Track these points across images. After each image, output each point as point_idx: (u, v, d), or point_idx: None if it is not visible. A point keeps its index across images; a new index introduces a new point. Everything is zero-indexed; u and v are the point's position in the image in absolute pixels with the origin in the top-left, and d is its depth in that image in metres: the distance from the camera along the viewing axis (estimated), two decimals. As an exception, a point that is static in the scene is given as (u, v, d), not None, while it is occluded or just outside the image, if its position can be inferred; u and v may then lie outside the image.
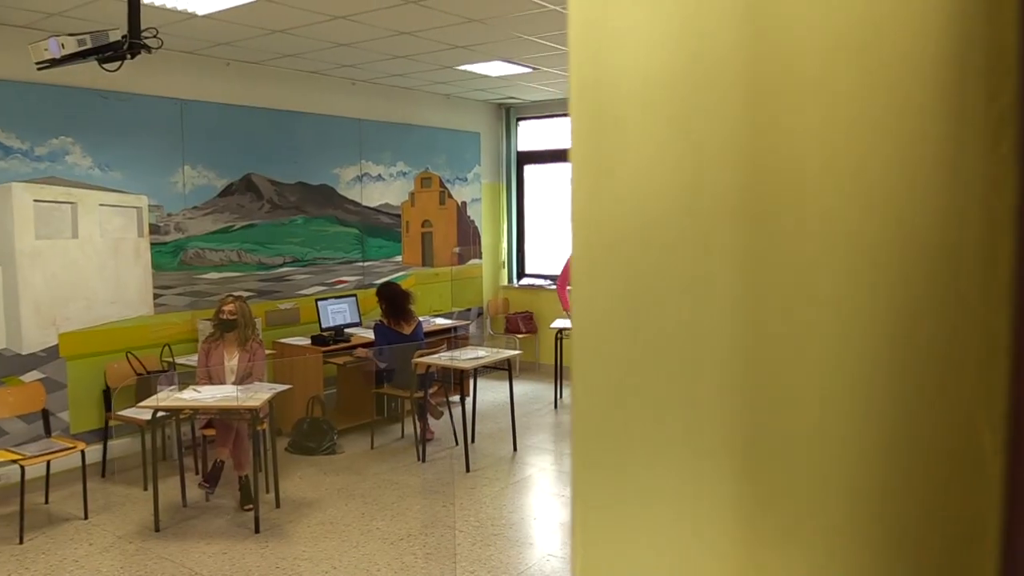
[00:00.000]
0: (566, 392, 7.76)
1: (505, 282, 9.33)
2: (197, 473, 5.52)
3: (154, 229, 5.89)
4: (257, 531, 4.63)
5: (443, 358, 6.02)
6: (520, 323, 8.90)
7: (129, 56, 3.36)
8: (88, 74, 4.83)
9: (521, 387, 7.62)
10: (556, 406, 7.56)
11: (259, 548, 4.42)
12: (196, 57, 6.08)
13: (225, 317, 5.18)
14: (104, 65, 3.44)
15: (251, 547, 4.44)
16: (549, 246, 9.30)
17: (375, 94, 7.55)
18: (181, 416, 5.15)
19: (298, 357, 6.36)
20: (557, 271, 9.03)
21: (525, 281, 9.27)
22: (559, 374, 7.71)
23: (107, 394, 5.58)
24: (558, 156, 8.95)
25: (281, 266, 6.81)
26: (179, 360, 5.81)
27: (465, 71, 6.98)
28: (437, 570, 4.14)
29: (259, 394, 4.82)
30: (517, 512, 5.05)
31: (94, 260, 5.54)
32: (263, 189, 6.63)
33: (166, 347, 5.86)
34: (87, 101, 5.45)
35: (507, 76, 7.27)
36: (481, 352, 6.25)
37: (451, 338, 7.28)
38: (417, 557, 4.30)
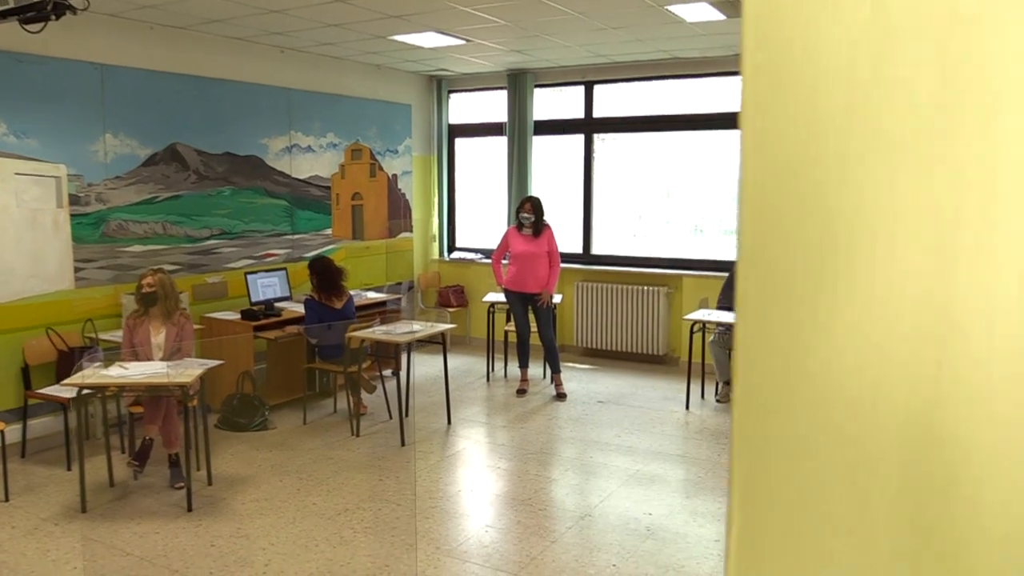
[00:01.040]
0: (498, 365, 7.81)
1: (436, 256, 9.30)
2: (123, 452, 5.38)
3: (74, 200, 5.65)
4: (190, 509, 4.55)
5: (378, 332, 5.98)
6: (451, 297, 8.89)
7: (53, 17, 3.21)
8: (1, 35, 4.58)
9: (452, 361, 7.62)
10: (488, 379, 7.60)
11: (193, 527, 4.35)
12: (118, 20, 5.82)
13: (145, 291, 5.02)
14: (26, 26, 3.27)
15: (184, 526, 4.36)
16: (480, 220, 9.29)
17: (304, 63, 7.37)
18: (107, 393, 4.99)
19: (229, 336, 6.22)
20: (489, 245, 9.04)
21: (456, 255, 9.25)
22: (491, 348, 7.75)
23: (26, 371, 5.36)
24: (489, 129, 8.92)
25: (208, 239, 6.62)
26: (102, 336, 5.62)
27: (398, 41, 6.88)
28: (376, 544, 4.14)
29: (190, 370, 4.71)
30: (453, 485, 5.08)
31: (10, 232, 5.29)
32: (189, 159, 6.42)
33: (88, 322, 5.66)
34: (0, 64, 5.17)
35: (440, 48, 7.19)
36: (416, 326, 6.23)
37: (383, 312, 7.23)
38: (356, 532, 4.29)
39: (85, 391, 4.65)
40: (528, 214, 6.84)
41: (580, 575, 3.82)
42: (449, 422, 6.22)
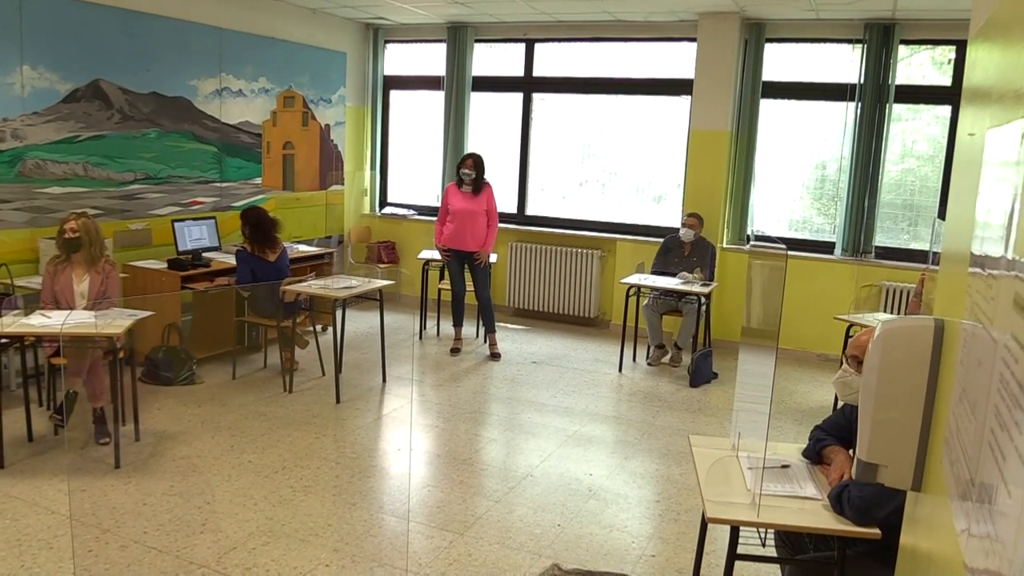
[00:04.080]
0: (430, 323, 7.73)
1: (367, 210, 9.09)
2: (41, 405, 5.11)
3: (-14, 135, 5.26)
4: (118, 466, 4.35)
5: (315, 286, 5.82)
6: (382, 252, 8.73)
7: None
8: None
9: (384, 318, 7.51)
10: (421, 337, 7.53)
11: (122, 484, 4.16)
12: (36, -58, 5.40)
13: (68, 236, 4.73)
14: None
15: (113, 483, 4.17)
16: (414, 175, 9.11)
17: (238, 2, 7.01)
18: (24, 343, 4.71)
19: (160, 289, 5.94)
20: (422, 201, 8.90)
21: (388, 210, 9.06)
22: (424, 305, 7.65)
23: (-67, 317, 5.00)
24: (426, 83, 8.72)
25: (132, 183, 6.28)
26: (18, 282, 5.28)
27: (338, -15, 6.61)
28: (317, 503, 4.06)
29: (118, 321, 4.48)
30: (393, 443, 5.02)
31: (-84, 167, 4.90)
32: (113, 97, 6.05)
33: (3, 267, 5.31)
34: (-95, -18, 4.74)
35: (382, -6, 6.95)
36: (353, 281, 6.08)
37: (316, 266, 7.04)
38: (295, 490, 4.19)
39: (2, 340, 4.37)
40: (469, 171, 6.73)
41: (526, 535, 3.83)
42: (384, 380, 6.13)
